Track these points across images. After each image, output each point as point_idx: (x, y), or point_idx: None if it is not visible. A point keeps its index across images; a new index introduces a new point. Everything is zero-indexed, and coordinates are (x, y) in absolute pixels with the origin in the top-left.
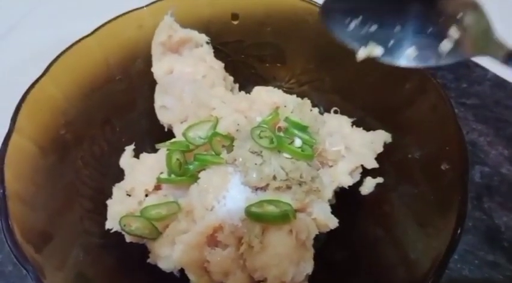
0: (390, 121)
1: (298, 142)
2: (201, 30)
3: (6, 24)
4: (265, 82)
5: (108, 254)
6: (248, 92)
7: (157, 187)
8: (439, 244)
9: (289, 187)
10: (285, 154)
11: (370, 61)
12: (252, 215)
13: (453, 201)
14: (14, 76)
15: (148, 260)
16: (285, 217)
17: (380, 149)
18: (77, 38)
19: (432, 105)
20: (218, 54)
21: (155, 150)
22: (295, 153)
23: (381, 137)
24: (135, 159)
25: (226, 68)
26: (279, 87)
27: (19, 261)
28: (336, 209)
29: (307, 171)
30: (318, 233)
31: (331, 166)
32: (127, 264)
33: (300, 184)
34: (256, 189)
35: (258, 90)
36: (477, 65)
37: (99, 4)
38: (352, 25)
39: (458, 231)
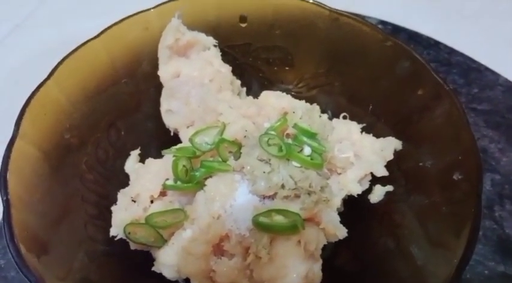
0: (401, 128)
1: (307, 150)
2: (208, 32)
3: (11, 25)
4: (273, 86)
5: (113, 262)
6: (256, 95)
7: (162, 194)
8: (451, 257)
9: (297, 196)
10: (294, 163)
11: (382, 66)
12: (260, 225)
13: (466, 213)
14: (18, 79)
15: (153, 268)
16: (293, 228)
17: (390, 157)
18: (82, 40)
19: (445, 112)
20: (226, 57)
21: (161, 155)
22: (305, 162)
23: (391, 144)
24: (141, 164)
25: (234, 72)
26: (288, 91)
27: (22, 271)
28: (344, 217)
29: (316, 181)
30: (326, 243)
31: (340, 173)
32: (132, 272)
33: (309, 194)
34: (264, 197)
35: (266, 95)
36: (488, 70)
37: (104, 5)
38: None
39: (472, 245)
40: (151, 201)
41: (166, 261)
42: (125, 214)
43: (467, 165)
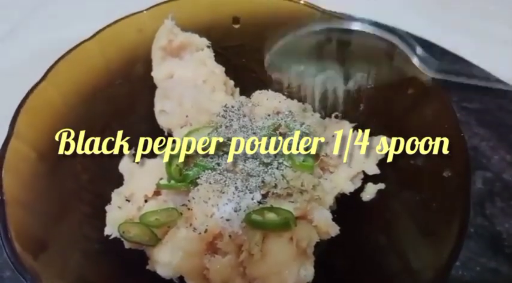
0: (392, 126)
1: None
2: (202, 34)
3: (6, 27)
4: (266, 86)
5: (108, 260)
6: (249, 96)
7: (156, 193)
8: (441, 252)
9: (290, 195)
10: (286, 162)
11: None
12: (252, 223)
13: (455, 208)
14: (13, 80)
15: (148, 267)
16: (285, 225)
17: (381, 155)
18: (77, 42)
19: (435, 111)
20: (219, 58)
21: (155, 155)
22: (296, 166)
23: (382, 143)
24: (135, 164)
25: (227, 72)
26: (280, 91)
27: (17, 270)
28: (336, 215)
29: (308, 180)
30: (318, 240)
31: (332, 172)
32: (126, 271)
33: (301, 193)
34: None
35: (259, 95)
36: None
37: (99, 7)
38: None
39: (461, 239)
40: (146, 201)
41: (160, 259)
42: (119, 214)
43: (457, 162)
